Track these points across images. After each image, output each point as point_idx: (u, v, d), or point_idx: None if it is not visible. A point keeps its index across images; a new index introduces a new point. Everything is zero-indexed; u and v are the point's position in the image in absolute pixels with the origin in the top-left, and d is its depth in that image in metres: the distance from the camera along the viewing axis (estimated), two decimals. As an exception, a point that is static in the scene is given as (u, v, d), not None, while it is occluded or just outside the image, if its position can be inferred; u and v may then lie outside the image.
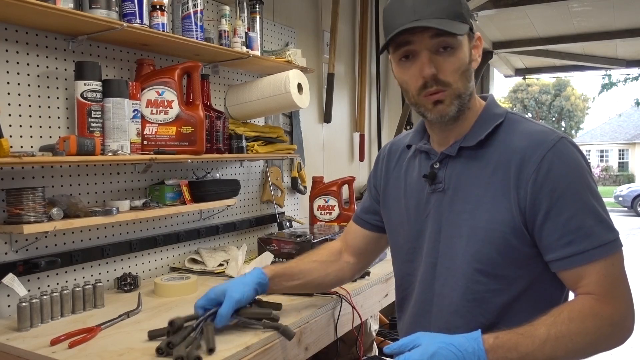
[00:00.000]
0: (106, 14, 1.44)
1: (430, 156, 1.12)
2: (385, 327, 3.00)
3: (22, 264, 1.41)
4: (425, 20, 0.96)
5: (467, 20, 1.00)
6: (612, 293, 0.94)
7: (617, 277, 0.95)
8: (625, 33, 4.67)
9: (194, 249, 2.00)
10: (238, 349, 1.14)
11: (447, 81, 1.00)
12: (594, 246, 0.94)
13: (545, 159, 0.96)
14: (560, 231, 0.95)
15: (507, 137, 1.03)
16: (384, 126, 3.66)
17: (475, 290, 1.02)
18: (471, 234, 1.02)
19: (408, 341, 0.94)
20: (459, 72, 1.00)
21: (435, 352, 0.89)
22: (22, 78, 1.44)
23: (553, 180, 0.95)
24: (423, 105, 1.04)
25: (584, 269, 0.95)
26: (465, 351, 0.90)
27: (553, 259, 0.97)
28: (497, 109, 1.08)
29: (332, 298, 1.52)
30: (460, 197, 1.05)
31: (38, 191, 1.37)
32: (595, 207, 0.96)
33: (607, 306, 0.93)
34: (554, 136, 0.99)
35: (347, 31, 3.19)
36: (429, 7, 0.97)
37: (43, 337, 1.22)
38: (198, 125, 1.71)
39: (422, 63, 0.99)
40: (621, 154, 26.89)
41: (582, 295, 0.96)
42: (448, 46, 0.99)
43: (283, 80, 2.01)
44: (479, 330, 0.93)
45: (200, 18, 1.76)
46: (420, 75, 1.00)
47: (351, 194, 2.64)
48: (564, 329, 0.91)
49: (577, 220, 0.94)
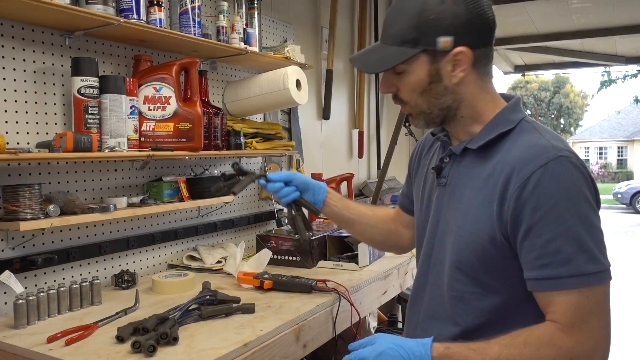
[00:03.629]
0: (103, 10, 1.43)
1: (445, 149, 1.13)
2: (384, 324, 2.99)
3: (18, 261, 1.41)
4: (357, 60, 1.13)
5: (421, 42, 1.00)
6: (578, 326, 0.90)
7: (590, 311, 0.90)
8: (624, 29, 4.67)
9: (192, 246, 1.99)
10: (236, 347, 1.14)
11: (404, 99, 1.08)
12: (569, 274, 0.89)
13: (533, 176, 0.93)
14: (538, 252, 0.92)
15: (511, 146, 1.00)
16: (383, 123, 3.65)
17: (456, 288, 1.05)
18: (457, 234, 1.04)
19: (367, 340, 1.01)
20: (415, 92, 1.05)
21: (383, 352, 0.95)
22: (18, 74, 1.43)
23: (538, 198, 0.92)
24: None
25: (554, 295, 0.92)
26: (413, 354, 0.94)
27: (528, 278, 0.95)
28: (513, 115, 1.05)
29: (330, 295, 1.51)
30: (457, 195, 1.06)
31: (35, 188, 1.36)
32: (579, 235, 0.90)
33: (569, 338, 0.89)
34: (550, 153, 0.94)
35: (345, 27, 3.18)
36: (386, 29, 1.05)
37: (40, 334, 1.21)
38: (196, 121, 1.70)
39: (381, 82, 1.09)
40: (620, 151, 26.91)
41: (548, 322, 0.93)
42: (399, 71, 1.05)
43: (281, 76, 2.00)
44: (431, 338, 0.97)
45: (198, 14, 1.74)
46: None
47: (350, 190, 2.63)
48: (516, 353, 0.90)
49: (556, 244, 0.90)
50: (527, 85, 28.27)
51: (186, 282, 1.60)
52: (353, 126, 3.28)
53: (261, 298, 1.49)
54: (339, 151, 3.14)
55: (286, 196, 1.30)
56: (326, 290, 1.54)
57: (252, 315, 1.35)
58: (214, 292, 1.41)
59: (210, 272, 1.81)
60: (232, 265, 1.74)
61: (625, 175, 24.10)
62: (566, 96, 28.67)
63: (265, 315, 1.34)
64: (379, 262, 1.94)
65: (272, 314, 1.36)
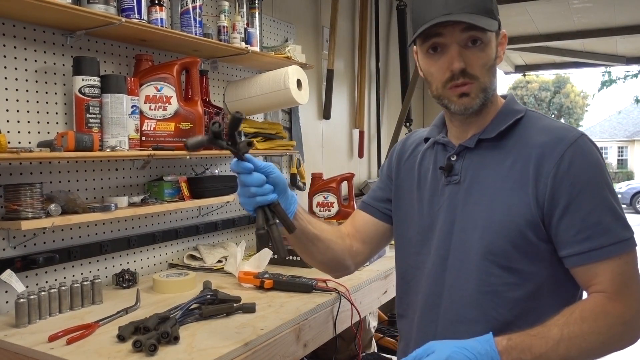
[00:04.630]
0: (104, 9, 1.44)
1: (447, 148, 1.12)
2: (384, 323, 3.00)
3: (20, 260, 1.41)
4: (457, 15, 0.96)
5: (496, 16, 1.01)
6: (623, 292, 0.94)
7: (630, 275, 0.95)
8: (625, 30, 4.66)
9: (193, 246, 2.00)
10: (237, 346, 1.14)
11: (475, 74, 1.00)
12: (610, 242, 0.94)
13: (566, 154, 0.97)
14: (579, 226, 0.95)
15: (527, 132, 1.04)
16: (384, 122, 3.65)
17: (489, 282, 1.01)
18: (486, 226, 1.02)
19: (422, 351, 0.93)
20: (486, 67, 1.01)
21: (449, 357, 0.88)
22: (19, 73, 1.43)
23: (573, 175, 0.96)
24: (447, 97, 1.04)
25: (598, 266, 0.95)
26: (479, 354, 0.89)
27: (569, 255, 0.97)
28: (517, 106, 1.09)
29: (331, 295, 1.51)
30: (477, 189, 1.05)
31: (36, 187, 1.36)
32: (613, 204, 0.96)
33: (619, 305, 0.93)
34: (575, 133, 1.00)
35: (346, 27, 3.18)
36: (460, 1, 0.97)
37: (41, 333, 1.22)
38: (197, 121, 1.70)
39: (451, 57, 0.99)
40: (620, 151, 26.89)
41: (594, 294, 0.96)
42: (478, 40, 0.99)
43: (282, 76, 2.00)
44: (491, 333, 0.92)
45: (199, 13, 1.75)
46: (448, 69, 1.00)
47: (350, 190, 2.63)
48: (577, 329, 0.91)
49: (596, 215, 0.95)
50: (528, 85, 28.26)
51: (187, 281, 1.60)
52: (354, 126, 3.28)
53: (262, 297, 1.50)
54: (339, 151, 3.14)
55: (264, 195, 1.00)
56: (326, 289, 1.54)
57: (252, 314, 1.35)
58: (215, 291, 1.41)
59: (211, 272, 1.81)
60: (233, 264, 1.74)
61: (626, 175, 24.08)
62: (567, 96, 28.65)
63: (265, 315, 1.35)
64: (379, 262, 1.94)
65: (273, 313, 1.36)
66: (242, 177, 0.99)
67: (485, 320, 1.02)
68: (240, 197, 1.02)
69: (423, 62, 1.06)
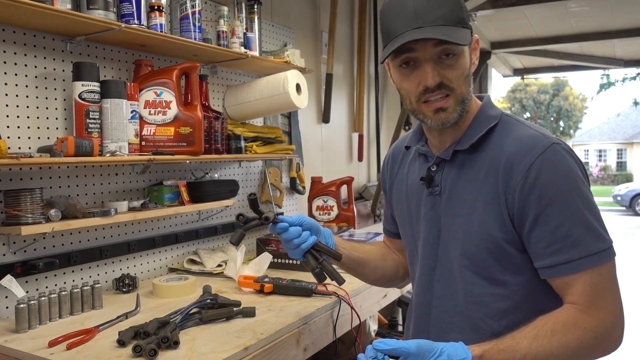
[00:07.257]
0: (104, 15, 1.44)
1: (428, 159, 1.12)
2: (385, 327, 2.99)
3: (20, 265, 1.41)
4: (429, 29, 0.93)
5: (467, 24, 0.99)
6: (597, 304, 0.93)
7: (605, 287, 0.93)
8: (623, 33, 4.68)
9: (193, 250, 2.00)
10: (237, 350, 1.14)
11: (451, 87, 0.98)
12: (581, 256, 0.92)
13: (534, 165, 0.94)
14: (548, 239, 0.94)
15: (500, 142, 1.02)
16: (383, 126, 3.66)
17: (475, 293, 1.02)
18: (466, 239, 1.02)
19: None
20: (462, 77, 0.99)
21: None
22: (20, 79, 1.44)
23: (541, 187, 0.94)
24: (422, 112, 1.02)
25: (570, 278, 0.94)
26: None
27: (540, 267, 0.97)
28: (492, 111, 1.07)
29: (331, 298, 1.51)
30: (455, 201, 1.05)
31: (36, 192, 1.37)
32: (584, 216, 0.94)
33: (591, 318, 0.92)
34: (544, 142, 0.96)
35: (345, 31, 3.19)
36: (432, 12, 0.94)
37: (41, 338, 1.22)
38: (196, 125, 1.70)
39: (425, 72, 0.97)
40: (619, 154, 26.92)
41: (568, 305, 0.95)
42: (451, 53, 0.96)
43: (281, 80, 2.01)
44: (461, 342, 0.91)
45: (199, 19, 1.75)
46: (422, 84, 0.98)
47: (350, 194, 2.63)
48: (546, 343, 0.90)
49: (565, 228, 0.93)
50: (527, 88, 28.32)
51: (187, 285, 1.60)
52: (353, 129, 3.28)
53: (262, 301, 1.50)
54: (338, 154, 3.14)
55: (305, 241, 1.11)
56: (326, 293, 1.54)
57: (252, 318, 1.36)
58: (215, 295, 1.41)
59: (211, 276, 1.81)
60: (233, 268, 1.75)
61: (625, 178, 24.10)
62: (565, 99, 28.71)
63: (265, 319, 1.35)
64: (379, 265, 1.94)
65: (273, 317, 1.36)
66: (282, 236, 1.12)
67: (474, 330, 1.02)
68: (289, 251, 1.13)
69: (396, 76, 1.05)
